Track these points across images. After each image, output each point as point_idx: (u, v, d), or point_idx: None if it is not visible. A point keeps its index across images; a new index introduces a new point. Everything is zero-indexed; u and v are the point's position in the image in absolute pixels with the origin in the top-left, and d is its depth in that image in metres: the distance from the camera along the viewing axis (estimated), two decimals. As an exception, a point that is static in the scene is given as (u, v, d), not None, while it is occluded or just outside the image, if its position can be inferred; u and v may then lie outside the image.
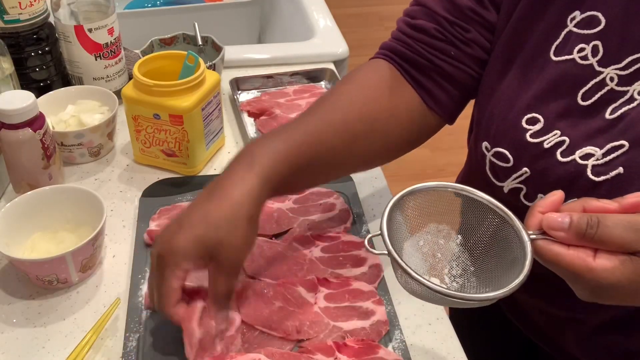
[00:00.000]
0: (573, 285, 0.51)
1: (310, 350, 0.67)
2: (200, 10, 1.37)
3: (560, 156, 0.59)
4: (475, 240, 0.56)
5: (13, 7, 0.92)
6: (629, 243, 0.46)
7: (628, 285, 0.47)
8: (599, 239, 0.47)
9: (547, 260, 0.50)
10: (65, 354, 0.68)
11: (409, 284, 0.54)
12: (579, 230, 0.47)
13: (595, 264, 0.47)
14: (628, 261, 0.47)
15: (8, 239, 0.75)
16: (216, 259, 0.60)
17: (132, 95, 0.87)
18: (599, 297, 0.50)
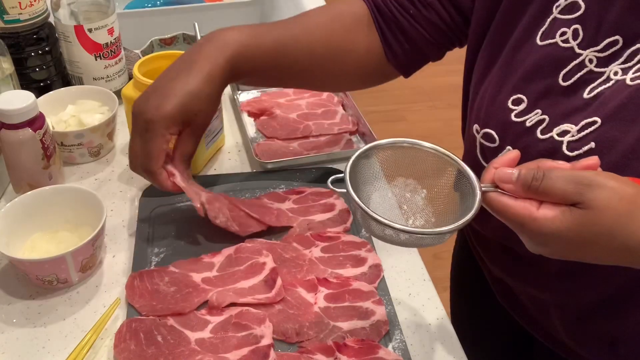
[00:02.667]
0: (520, 235, 0.54)
1: (310, 350, 0.67)
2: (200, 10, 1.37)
3: (540, 134, 0.62)
4: (436, 193, 0.60)
5: (13, 7, 0.92)
6: (569, 195, 0.49)
7: (567, 235, 0.50)
8: (543, 191, 0.50)
9: (496, 210, 0.53)
10: (65, 354, 0.68)
11: (367, 223, 0.57)
12: (525, 182, 0.51)
13: (538, 213, 0.50)
14: (568, 212, 0.50)
15: (8, 239, 0.75)
16: (192, 124, 0.73)
17: (132, 95, 0.87)
18: (542, 247, 0.53)
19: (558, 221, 0.50)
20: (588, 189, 0.49)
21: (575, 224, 0.50)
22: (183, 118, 0.72)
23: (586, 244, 0.51)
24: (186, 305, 0.72)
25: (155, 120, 0.71)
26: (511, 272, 0.77)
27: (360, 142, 1.00)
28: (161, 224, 0.83)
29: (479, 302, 0.93)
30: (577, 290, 0.68)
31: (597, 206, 0.49)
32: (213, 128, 0.93)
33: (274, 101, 1.07)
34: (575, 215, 0.50)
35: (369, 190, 0.61)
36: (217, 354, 0.67)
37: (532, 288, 0.75)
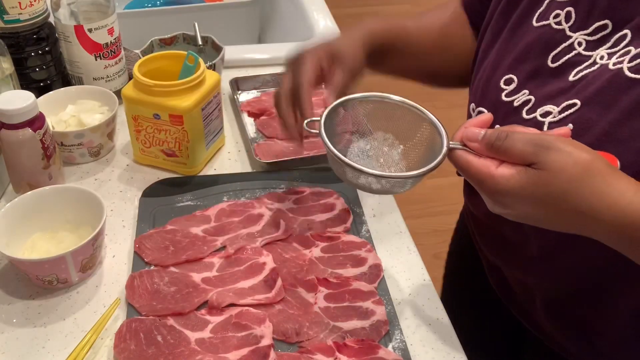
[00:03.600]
0: (480, 193, 0.57)
1: (310, 350, 0.67)
2: (200, 10, 1.37)
3: (525, 114, 0.64)
4: (410, 147, 0.64)
5: (13, 7, 0.92)
6: (527, 155, 0.52)
7: (520, 193, 0.52)
8: (504, 150, 0.53)
9: (459, 166, 0.56)
10: (65, 354, 0.68)
11: (336, 166, 0.62)
12: (489, 141, 0.54)
13: (496, 171, 0.53)
14: (523, 171, 0.52)
15: (8, 239, 0.75)
16: (339, 61, 0.74)
17: (132, 95, 0.87)
18: (500, 206, 0.55)
19: (513, 180, 0.52)
20: (545, 151, 0.51)
21: (530, 183, 0.52)
22: (331, 51, 0.74)
23: (539, 205, 0.53)
24: (186, 305, 0.72)
25: (306, 51, 0.75)
26: (501, 255, 0.79)
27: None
28: (161, 224, 0.83)
29: (474, 290, 0.94)
30: (556, 275, 0.70)
31: (551, 168, 0.51)
32: (213, 128, 0.93)
33: (274, 101, 1.07)
34: (530, 175, 0.52)
35: (348, 141, 0.65)
36: (217, 354, 0.67)
37: (518, 271, 0.76)
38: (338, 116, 0.64)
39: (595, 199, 0.51)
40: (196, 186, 0.90)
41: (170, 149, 0.90)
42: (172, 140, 0.89)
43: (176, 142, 0.89)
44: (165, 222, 0.83)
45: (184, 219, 0.84)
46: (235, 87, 1.10)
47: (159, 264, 0.77)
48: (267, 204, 0.86)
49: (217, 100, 0.92)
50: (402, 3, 3.29)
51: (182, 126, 0.87)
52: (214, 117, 0.92)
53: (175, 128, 0.87)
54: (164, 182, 0.91)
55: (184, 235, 0.81)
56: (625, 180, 0.52)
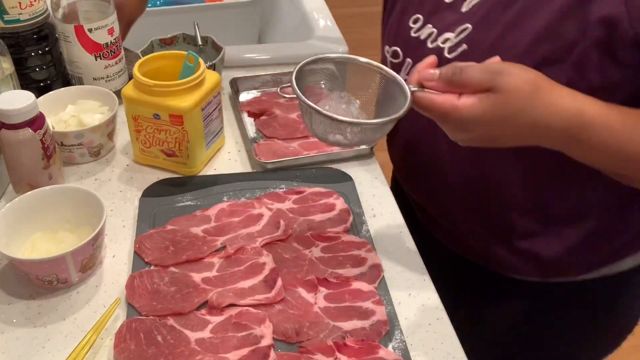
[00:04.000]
0: (444, 126, 0.63)
1: (310, 350, 0.67)
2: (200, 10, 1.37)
3: (429, 44, 0.74)
4: (368, 99, 0.68)
5: (13, 7, 0.92)
6: (484, 81, 0.58)
7: (484, 117, 0.59)
8: (462, 82, 0.59)
9: (423, 106, 0.62)
10: (65, 354, 0.68)
11: (312, 121, 0.65)
12: (447, 77, 0.60)
13: (459, 102, 0.59)
14: (484, 97, 0.58)
15: (8, 239, 0.75)
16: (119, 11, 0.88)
17: (132, 95, 0.87)
18: (464, 133, 0.62)
19: (477, 106, 0.59)
20: (499, 76, 0.58)
21: (491, 105, 0.58)
22: None
23: (501, 124, 0.60)
24: (186, 305, 0.72)
25: None
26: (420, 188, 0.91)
27: (360, 142, 1.00)
28: (161, 224, 0.83)
29: None
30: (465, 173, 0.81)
31: (507, 89, 0.58)
32: (213, 128, 0.93)
33: (274, 101, 1.07)
34: (490, 98, 0.58)
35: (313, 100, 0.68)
36: (217, 354, 0.67)
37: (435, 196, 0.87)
38: (301, 80, 0.68)
39: (545, 109, 0.59)
40: (196, 186, 0.90)
41: (170, 149, 0.90)
42: (172, 140, 0.89)
43: (176, 142, 0.89)
44: (165, 222, 0.83)
45: (184, 219, 0.84)
46: (235, 87, 1.10)
47: (159, 264, 0.77)
48: (267, 204, 0.86)
49: (217, 101, 0.92)
50: (402, 3, 3.27)
51: (182, 126, 0.87)
52: (214, 117, 0.92)
53: (175, 128, 0.87)
54: (164, 182, 0.91)
55: (184, 235, 0.81)
56: (562, 88, 0.61)
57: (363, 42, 1.01)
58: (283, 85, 0.70)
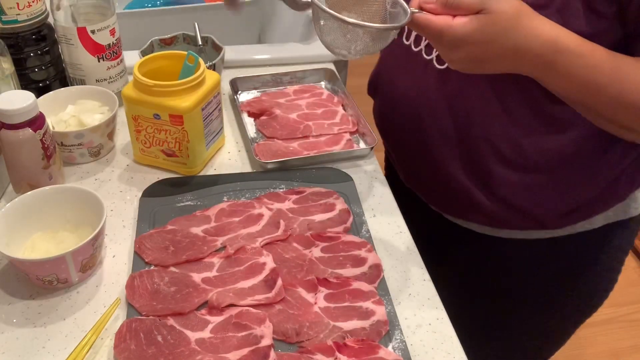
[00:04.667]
0: (438, 44, 0.68)
1: (310, 350, 0.67)
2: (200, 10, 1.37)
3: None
4: (372, 20, 0.72)
5: (11, 8, 0.92)
6: (476, 4, 0.64)
7: (474, 35, 0.65)
8: (456, 4, 0.65)
9: (421, 26, 0.67)
10: (65, 354, 0.68)
11: (321, 27, 0.72)
12: (443, 0, 0.66)
13: (453, 22, 0.65)
14: (475, 17, 0.65)
15: (8, 239, 0.75)
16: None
17: (132, 96, 0.87)
18: (456, 51, 0.67)
19: (469, 24, 0.65)
20: None
21: (481, 24, 0.65)
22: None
23: (488, 43, 0.66)
24: (186, 305, 0.72)
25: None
26: (405, 137, 0.94)
27: (360, 142, 1.00)
28: (161, 224, 0.83)
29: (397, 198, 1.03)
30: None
31: (494, 10, 0.64)
32: (213, 128, 0.93)
33: (274, 101, 1.07)
34: (480, 18, 0.65)
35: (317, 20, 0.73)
36: (217, 354, 0.67)
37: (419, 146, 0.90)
38: None
39: (526, 32, 0.66)
40: (196, 186, 0.90)
41: (170, 149, 0.90)
42: (172, 141, 0.89)
43: (176, 142, 0.89)
44: (165, 222, 0.83)
45: (184, 219, 0.84)
46: (235, 87, 1.10)
47: (159, 264, 0.77)
48: (267, 204, 0.86)
49: (217, 101, 0.92)
50: (402, 3, 3.27)
51: (182, 126, 0.87)
52: (214, 117, 0.92)
53: (175, 128, 0.87)
54: (164, 182, 0.91)
55: (184, 235, 0.81)
56: (541, 16, 0.67)
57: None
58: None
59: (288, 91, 1.10)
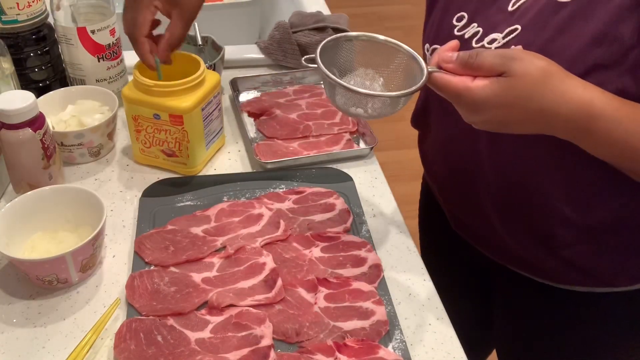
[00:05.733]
0: (457, 106, 0.65)
1: (310, 350, 0.68)
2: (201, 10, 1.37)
3: (475, 43, 0.73)
4: (390, 77, 0.71)
5: (11, 8, 0.92)
6: (497, 65, 0.61)
7: (494, 100, 0.61)
8: (477, 66, 0.61)
9: (439, 86, 0.64)
10: (65, 354, 0.68)
11: (334, 94, 0.69)
12: (463, 59, 0.62)
13: (472, 84, 0.62)
14: (495, 80, 0.61)
15: (8, 239, 0.75)
16: (179, 6, 0.83)
17: (132, 96, 0.87)
18: (475, 114, 0.64)
19: (488, 88, 0.61)
20: (511, 61, 0.60)
21: (501, 89, 0.60)
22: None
23: (511, 107, 0.61)
24: (186, 305, 0.72)
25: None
26: (457, 189, 0.88)
27: (360, 142, 1.00)
28: (161, 224, 0.83)
29: (440, 236, 1.01)
30: (503, 174, 0.78)
31: (517, 74, 0.60)
32: (213, 128, 0.93)
33: (274, 101, 1.07)
34: (501, 82, 0.60)
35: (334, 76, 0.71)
36: (217, 354, 0.67)
37: (472, 195, 0.83)
38: (326, 57, 0.70)
39: (555, 96, 0.60)
40: (196, 186, 0.90)
41: (170, 149, 0.90)
42: (172, 141, 0.89)
43: (176, 142, 0.89)
44: (165, 222, 0.83)
45: (184, 219, 0.84)
46: (235, 87, 1.10)
47: (159, 264, 0.77)
48: (267, 204, 0.86)
49: (217, 101, 0.92)
50: (402, 3, 3.28)
51: (182, 126, 0.87)
52: (214, 117, 0.92)
53: (175, 128, 0.87)
54: (164, 182, 0.91)
55: (184, 235, 0.81)
56: (575, 78, 0.62)
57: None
58: (308, 56, 0.72)
59: (288, 91, 1.10)
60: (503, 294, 0.94)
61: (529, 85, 0.60)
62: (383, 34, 0.72)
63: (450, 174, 0.87)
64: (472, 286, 1.02)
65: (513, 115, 0.62)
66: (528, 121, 0.63)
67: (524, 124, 0.63)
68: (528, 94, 0.60)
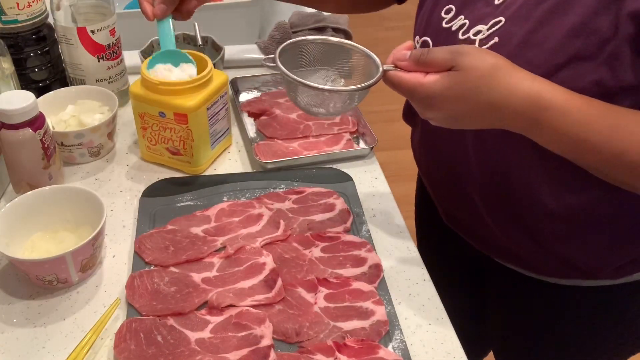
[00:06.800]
0: (412, 102, 0.67)
1: (310, 350, 0.67)
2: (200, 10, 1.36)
3: (461, 35, 0.74)
4: (349, 76, 0.74)
5: (11, 8, 0.92)
6: (447, 61, 0.63)
7: (445, 93, 0.63)
8: (429, 61, 0.64)
9: (394, 83, 0.66)
10: (65, 354, 0.68)
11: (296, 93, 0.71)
12: (415, 56, 0.65)
13: (424, 79, 0.64)
14: (446, 75, 0.63)
15: (8, 239, 0.75)
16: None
17: (139, 93, 0.87)
18: (429, 109, 0.66)
19: (439, 82, 0.63)
20: (460, 56, 0.63)
21: (451, 82, 0.63)
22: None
23: (460, 101, 0.63)
24: (186, 305, 0.72)
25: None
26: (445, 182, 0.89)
27: (360, 142, 1.00)
28: (161, 224, 0.83)
29: (434, 230, 1.01)
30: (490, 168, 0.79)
31: (465, 67, 0.62)
32: (219, 128, 0.93)
33: (274, 101, 1.07)
34: (451, 76, 0.63)
35: None
36: (217, 354, 0.67)
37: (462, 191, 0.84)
38: (288, 54, 0.72)
39: (503, 89, 0.62)
40: (196, 186, 0.90)
41: (175, 148, 0.90)
42: (176, 139, 0.89)
43: (181, 140, 0.89)
44: (165, 222, 0.83)
45: (184, 219, 0.84)
46: (235, 87, 1.10)
47: (159, 264, 0.77)
48: (267, 204, 0.86)
49: (223, 101, 0.92)
50: (402, 3, 3.27)
51: (187, 125, 0.87)
52: (220, 117, 0.92)
53: (180, 127, 0.87)
54: (164, 182, 0.91)
55: (184, 235, 0.81)
56: (522, 71, 0.63)
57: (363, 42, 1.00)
58: (267, 56, 0.75)
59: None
60: (495, 287, 0.95)
61: (477, 78, 0.62)
62: (383, 34, 0.73)
63: (439, 167, 0.88)
64: (466, 280, 1.02)
65: (464, 108, 0.64)
66: (479, 115, 0.64)
67: (476, 118, 0.65)
68: (476, 86, 0.62)
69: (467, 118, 0.65)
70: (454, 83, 0.63)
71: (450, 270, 1.02)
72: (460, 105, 0.64)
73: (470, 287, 1.02)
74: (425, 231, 1.09)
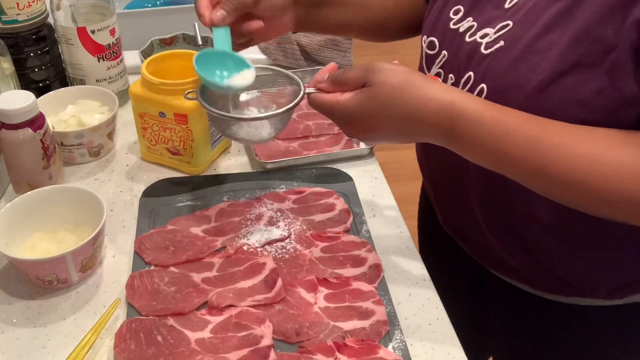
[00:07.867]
0: (333, 120, 0.70)
1: (310, 350, 0.67)
2: (200, 10, 1.36)
3: (467, 37, 0.73)
4: (280, 101, 0.78)
5: (11, 8, 0.92)
6: (360, 78, 0.66)
7: (360, 109, 0.65)
8: (344, 81, 0.67)
9: (316, 104, 0.69)
10: (65, 354, 0.68)
11: (216, 123, 0.76)
12: (333, 77, 0.68)
13: (341, 97, 0.67)
14: (359, 91, 0.66)
15: (8, 239, 0.75)
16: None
17: (139, 93, 0.87)
18: (348, 126, 0.68)
19: (354, 99, 0.66)
20: (371, 72, 0.65)
21: (365, 98, 0.65)
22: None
23: (375, 115, 0.65)
24: (186, 305, 0.72)
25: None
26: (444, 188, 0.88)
27: (360, 142, 1.00)
28: (161, 224, 0.83)
29: (436, 236, 1.00)
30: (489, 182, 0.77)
31: (377, 83, 0.64)
32: (214, 128, 0.93)
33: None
34: (364, 92, 0.65)
35: (227, 108, 0.78)
36: (217, 354, 0.67)
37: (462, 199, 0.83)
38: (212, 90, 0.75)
39: (416, 101, 0.63)
40: (196, 186, 0.90)
41: (174, 148, 0.90)
42: (176, 139, 0.89)
43: (180, 140, 0.89)
44: (165, 222, 0.83)
45: (184, 219, 0.84)
46: (235, 87, 1.10)
47: (159, 264, 0.77)
48: (267, 204, 0.86)
49: (221, 101, 0.92)
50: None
51: (187, 125, 0.87)
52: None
53: (179, 127, 0.87)
54: (164, 182, 0.91)
55: (184, 235, 0.81)
56: (436, 83, 0.65)
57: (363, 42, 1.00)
58: (190, 91, 0.77)
59: (288, 91, 1.10)
60: (495, 298, 0.94)
61: (388, 93, 0.64)
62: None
63: (441, 173, 0.87)
64: (467, 289, 1.01)
65: (381, 123, 0.65)
66: (397, 128, 0.66)
67: (395, 132, 0.66)
68: (388, 100, 0.64)
69: (386, 132, 0.67)
70: (367, 99, 0.65)
71: (452, 279, 1.00)
72: (376, 119, 0.65)
73: (472, 297, 1.01)
74: (427, 237, 1.08)
